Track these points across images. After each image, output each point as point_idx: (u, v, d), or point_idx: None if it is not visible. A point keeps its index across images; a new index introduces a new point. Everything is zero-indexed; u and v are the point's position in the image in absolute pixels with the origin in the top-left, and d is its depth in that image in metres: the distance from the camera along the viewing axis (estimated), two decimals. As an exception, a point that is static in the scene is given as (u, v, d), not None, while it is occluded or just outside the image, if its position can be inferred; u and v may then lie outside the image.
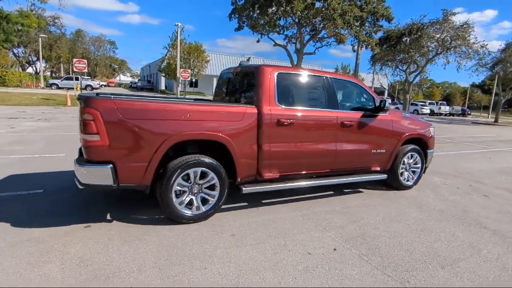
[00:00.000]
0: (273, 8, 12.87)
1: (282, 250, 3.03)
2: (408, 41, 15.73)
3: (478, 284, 2.63)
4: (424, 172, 5.51)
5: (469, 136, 15.22)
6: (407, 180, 5.20)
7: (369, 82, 33.65)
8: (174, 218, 3.42)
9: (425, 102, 39.67)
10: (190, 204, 3.50)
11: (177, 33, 22.35)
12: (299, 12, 12.35)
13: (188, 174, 3.42)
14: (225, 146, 3.53)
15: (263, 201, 4.32)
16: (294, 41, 15.24)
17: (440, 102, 42.89)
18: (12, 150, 6.52)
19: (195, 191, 3.52)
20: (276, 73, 3.93)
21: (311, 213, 3.98)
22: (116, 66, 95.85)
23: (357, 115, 4.46)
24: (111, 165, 3.06)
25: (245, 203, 4.21)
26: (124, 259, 2.72)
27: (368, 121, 4.53)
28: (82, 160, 3.17)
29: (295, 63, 15.36)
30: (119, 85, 75.95)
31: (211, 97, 6.38)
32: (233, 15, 13.98)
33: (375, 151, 4.65)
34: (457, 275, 2.73)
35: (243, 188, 3.75)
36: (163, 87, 47.26)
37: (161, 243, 3.04)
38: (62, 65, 57.13)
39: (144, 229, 3.31)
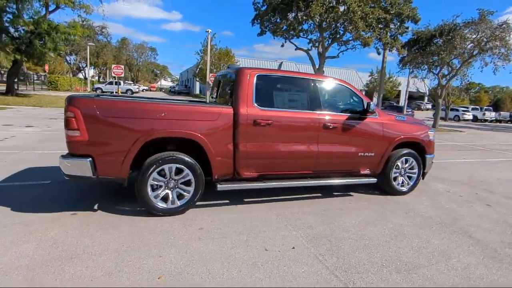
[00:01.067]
0: (293, 13, 12.91)
1: (241, 245, 3.13)
2: (439, 42, 14.83)
3: (429, 291, 2.54)
4: (422, 178, 5.27)
5: (505, 144, 14.02)
6: (402, 186, 5.01)
7: (405, 86, 32.15)
8: (149, 210, 3.66)
9: (467, 108, 37.02)
10: (166, 198, 3.72)
11: (207, 39, 23.17)
12: (318, 16, 12.27)
13: (163, 170, 3.64)
14: (200, 145, 3.71)
15: (245, 200, 4.43)
16: (317, 45, 15.11)
17: (485, 108, 39.74)
18: (40, 146, 7.25)
19: (171, 186, 3.74)
20: (256, 75, 4.05)
21: (288, 213, 4.02)
22: (158, 72, 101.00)
23: (342, 117, 4.42)
24: (90, 159, 3.37)
25: (227, 201, 4.34)
26: (92, 244, 2.99)
27: (354, 123, 4.46)
28: (67, 154, 3.53)
29: (318, 66, 15.21)
30: (160, 89, 79.81)
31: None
32: (255, 21, 14.25)
33: (362, 154, 4.57)
34: (409, 281, 2.65)
35: (218, 185, 3.90)
36: (197, 91, 48.94)
37: (131, 231, 3.28)
38: (108, 70, 61.36)
39: (121, 219, 3.58)
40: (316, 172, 4.45)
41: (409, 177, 5.07)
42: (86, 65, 49.69)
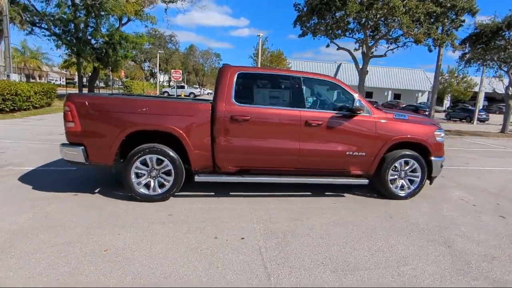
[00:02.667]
0: (331, 13, 12.46)
1: (195, 231, 3.33)
2: (507, 35, 12.75)
3: (355, 292, 2.42)
4: (430, 183, 4.81)
5: None
6: (402, 189, 4.64)
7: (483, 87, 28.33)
8: (134, 195, 4.08)
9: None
10: (148, 185, 4.11)
11: (259, 43, 23.79)
12: (354, 14, 11.63)
13: (146, 160, 4.03)
14: (178, 138, 4.01)
15: (231, 193, 4.60)
16: (361, 44, 14.33)
17: None
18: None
19: (153, 175, 4.11)
20: (237, 73, 4.22)
21: (262, 208, 4.08)
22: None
23: (327, 114, 4.31)
24: (82, 147, 3.92)
25: (212, 193, 4.57)
26: (72, 219, 3.49)
27: (341, 121, 4.31)
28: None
29: (361, 66, 14.39)
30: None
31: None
32: (297, 22, 14.19)
33: (351, 153, 4.37)
34: (338, 280, 2.55)
35: (196, 177, 4.16)
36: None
37: (109, 212, 3.72)
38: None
39: (109, 201, 4.06)
40: (299, 170, 4.41)
41: (411, 181, 4.67)
42: (157, 71, 54.67)
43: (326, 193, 4.81)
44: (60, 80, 57.41)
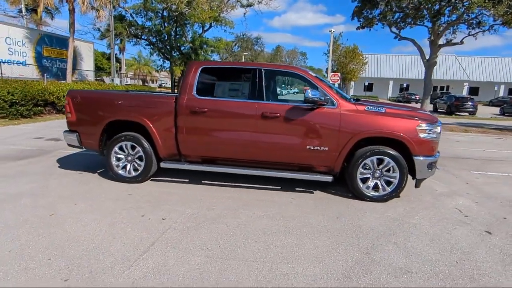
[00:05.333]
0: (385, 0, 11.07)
1: (132, 209, 3.72)
2: None
3: None
4: (416, 186, 4.14)
5: None
6: (375, 190, 4.13)
7: None
8: (114, 176, 4.74)
9: None
10: (125, 168, 4.72)
11: (330, 39, 22.96)
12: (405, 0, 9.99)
13: (122, 146, 4.65)
14: (146, 128, 4.50)
15: (203, 181, 4.87)
16: (430, 32, 12.26)
17: None
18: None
19: (130, 160, 4.70)
20: (201, 67, 4.46)
21: (214, 196, 4.22)
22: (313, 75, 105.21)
23: (286, 107, 4.16)
24: (76, 133, 4.78)
25: (187, 180, 4.93)
26: (56, 190, 4.30)
27: (300, 114, 4.11)
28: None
29: (429, 56, 12.28)
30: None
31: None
32: (355, 15, 13.16)
33: (311, 147, 4.12)
34: (204, 266, 2.59)
35: (161, 163, 4.58)
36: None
37: (88, 188, 4.45)
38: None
39: (97, 180, 4.82)
40: (259, 162, 4.38)
41: (389, 182, 4.10)
42: (244, 72, 57.74)
43: (297, 189, 4.62)
44: (167, 83, 66.42)
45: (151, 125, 4.46)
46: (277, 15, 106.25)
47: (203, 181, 4.87)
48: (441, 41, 11.81)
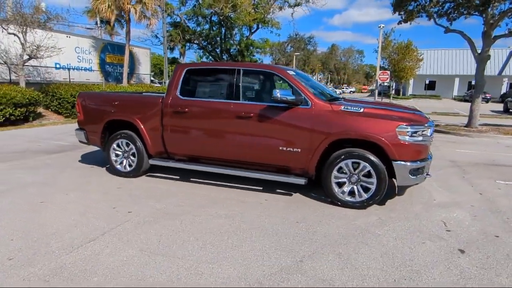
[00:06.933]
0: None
1: (109, 201, 4.03)
2: None
3: None
4: (396, 193, 3.76)
5: None
6: (351, 195, 3.84)
7: None
8: (113, 170, 5.17)
9: None
10: (122, 163, 5.11)
11: (380, 35, 21.51)
12: None
13: (118, 143, 5.05)
14: (136, 127, 4.82)
15: (191, 179, 5.04)
16: (484, 23, 10.54)
17: None
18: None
19: (125, 156, 5.08)
20: (186, 69, 4.64)
21: (189, 193, 4.35)
22: (373, 74, 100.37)
23: (259, 107, 4.10)
24: (84, 131, 5.32)
25: (178, 177, 5.15)
26: (64, 181, 4.86)
27: (272, 114, 4.01)
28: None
29: (481, 50, 10.54)
30: (371, 91, 79.17)
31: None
32: (396, 10, 12.03)
33: (284, 148, 4.00)
34: (102, 252, 2.73)
35: (149, 160, 4.86)
36: (392, 91, 45.28)
37: (89, 180, 4.92)
38: (316, 74, 67.58)
39: (100, 173, 5.30)
40: (239, 162, 4.39)
41: (366, 188, 3.78)
42: (296, 72, 57.26)
43: (277, 190, 4.52)
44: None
45: (141, 124, 4.78)
46: (337, 12, 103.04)
47: (191, 179, 5.04)
48: (495, 32, 10.22)
